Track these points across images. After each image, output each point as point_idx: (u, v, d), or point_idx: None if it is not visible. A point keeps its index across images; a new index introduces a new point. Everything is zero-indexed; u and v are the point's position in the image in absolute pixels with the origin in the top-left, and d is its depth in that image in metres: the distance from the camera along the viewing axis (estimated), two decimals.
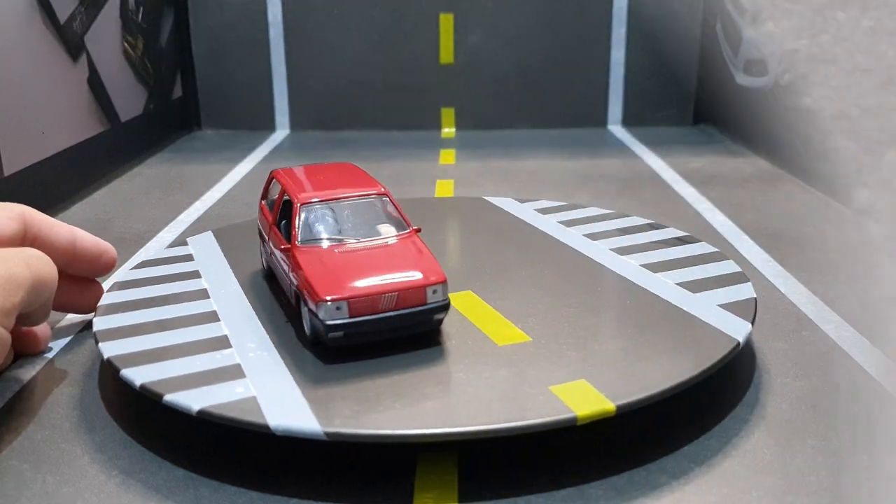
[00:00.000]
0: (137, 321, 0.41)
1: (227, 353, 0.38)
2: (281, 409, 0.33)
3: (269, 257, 0.46)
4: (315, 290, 0.37)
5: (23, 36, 0.68)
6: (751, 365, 0.42)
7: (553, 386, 0.35)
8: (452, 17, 1.06)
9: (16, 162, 0.66)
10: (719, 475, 0.33)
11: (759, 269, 0.55)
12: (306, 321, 0.39)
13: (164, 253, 0.52)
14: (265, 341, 0.39)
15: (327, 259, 0.39)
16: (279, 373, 0.36)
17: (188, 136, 1.06)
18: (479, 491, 0.32)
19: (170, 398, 0.34)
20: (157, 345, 0.39)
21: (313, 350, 0.38)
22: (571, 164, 0.88)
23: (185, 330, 0.40)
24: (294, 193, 0.43)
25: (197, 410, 0.33)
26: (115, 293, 0.45)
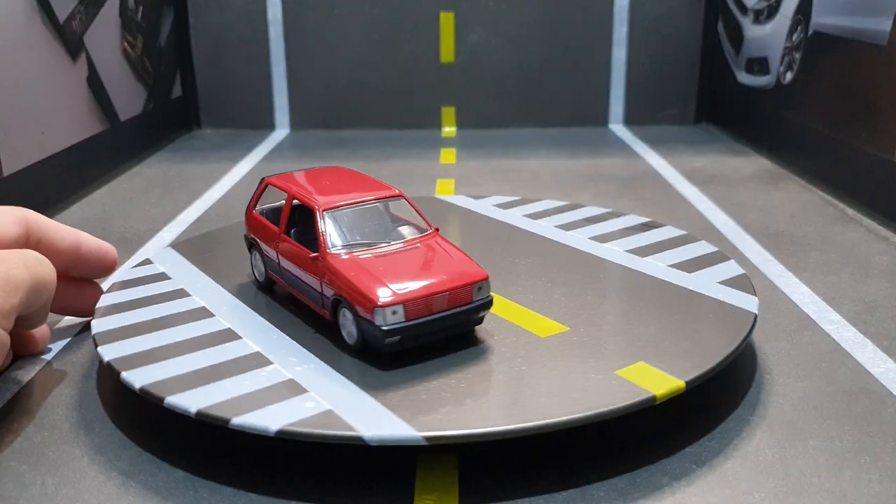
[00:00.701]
0: (152, 345, 0.39)
1: (271, 369, 0.36)
2: (366, 419, 0.32)
3: (272, 268, 0.44)
4: (368, 297, 0.36)
5: (22, 35, 0.68)
6: (752, 365, 0.42)
7: (618, 370, 0.36)
8: (453, 15, 1.06)
9: (15, 162, 0.66)
10: (720, 476, 0.33)
11: (760, 269, 0.55)
12: (350, 329, 0.38)
13: (135, 273, 0.48)
14: (304, 354, 0.38)
15: (367, 264, 0.38)
16: (341, 383, 0.35)
17: (188, 135, 1.06)
18: (479, 492, 0.32)
19: (239, 421, 0.32)
20: (187, 368, 0.36)
21: (361, 358, 0.37)
22: (572, 164, 0.87)
23: (209, 351, 0.38)
24: (311, 200, 0.41)
25: (276, 431, 0.31)
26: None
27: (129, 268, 0.49)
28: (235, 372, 0.36)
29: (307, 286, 0.41)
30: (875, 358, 0.42)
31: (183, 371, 0.36)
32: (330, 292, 0.39)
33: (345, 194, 0.42)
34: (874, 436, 0.35)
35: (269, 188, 0.46)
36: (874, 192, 0.67)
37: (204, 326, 0.41)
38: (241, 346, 0.39)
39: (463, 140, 1.01)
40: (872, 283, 0.52)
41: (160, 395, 0.34)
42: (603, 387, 0.35)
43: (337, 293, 0.38)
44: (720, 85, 1.05)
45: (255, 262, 0.46)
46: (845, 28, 0.74)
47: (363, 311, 0.37)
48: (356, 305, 0.37)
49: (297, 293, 0.42)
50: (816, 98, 0.79)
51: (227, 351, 0.38)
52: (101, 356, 0.38)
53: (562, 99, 1.08)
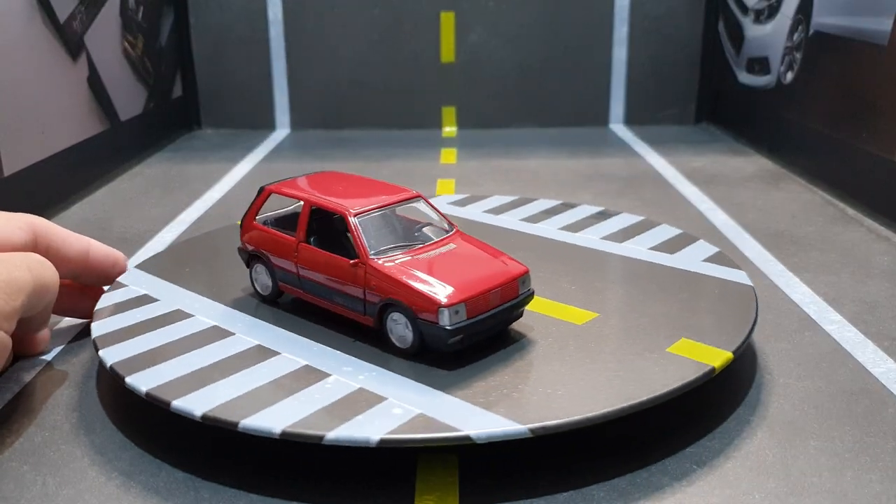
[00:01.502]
0: (181, 372, 0.36)
1: (333, 381, 0.35)
2: (462, 419, 0.32)
3: (287, 279, 0.42)
4: (430, 298, 0.36)
5: (22, 35, 0.68)
6: (752, 365, 0.42)
7: (668, 348, 0.38)
8: (453, 15, 1.06)
9: (16, 162, 0.66)
10: (721, 476, 0.33)
11: (760, 269, 0.55)
12: (402, 333, 0.38)
13: (115, 298, 0.44)
14: (357, 363, 0.37)
15: (416, 266, 0.38)
16: (415, 387, 0.35)
17: (188, 135, 1.06)
18: (479, 493, 0.32)
19: (335, 435, 0.31)
20: (239, 391, 0.35)
21: (415, 361, 0.37)
22: (573, 163, 0.87)
23: (254, 370, 0.37)
24: (338, 206, 0.40)
25: (378, 441, 0.31)
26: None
27: (106, 293, 0.45)
28: (296, 388, 0.35)
29: (343, 294, 0.40)
30: (876, 358, 0.42)
31: (238, 394, 0.34)
32: (376, 298, 0.38)
33: (368, 198, 0.41)
34: (875, 436, 0.35)
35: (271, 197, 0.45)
36: (875, 192, 0.67)
37: (229, 346, 0.39)
38: (285, 361, 0.37)
39: (463, 140, 1.01)
40: (873, 284, 0.52)
41: (232, 419, 0.32)
42: (662, 365, 0.36)
43: (387, 298, 0.38)
44: (721, 85, 1.05)
45: (258, 276, 0.44)
46: (846, 28, 0.74)
47: (424, 313, 0.36)
48: (415, 308, 0.37)
49: (327, 303, 0.41)
50: (817, 98, 0.79)
51: (274, 367, 0.37)
52: (137, 387, 0.35)
53: (562, 99, 1.08)
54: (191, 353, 0.38)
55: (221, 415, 0.33)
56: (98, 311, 0.43)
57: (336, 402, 0.34)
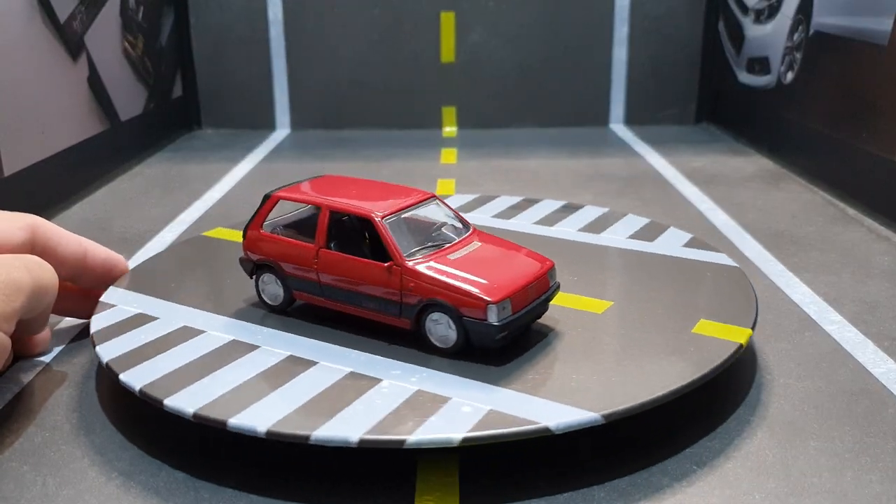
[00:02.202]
0: (221, 391, 0.35)
1: (387, 385, 0.35)
2: (534, 411, 0.32)
3: (304, 287, 0.41)
4: (478, 295, 0.37)
5: (23, 35, 0.68)
6: (753, 366, 0.42)
7: (693, 329, 0.40)
8: (453, 15, 1.06)
9: (16, 162, 0.66)
10: (721, 477, 0.33)
11: (761, 269, 0.55)
12: (444, 333, 0.38)
13: (109, 319, 0.41)
14: (403, 366, 0.37)
15: (454, 265, 0.38)
16: (474, 385, 0.35)
17: (188, 135, 1.06)
18: (480, 493, 0.32)
19: (416, 439, 0.31)
20: (287, 409, 0.33)
21: (459, 358, 0.37)
22: (573, 163, 0.87)
23: (296, 382, 0.35)
24: (363, 210, 0.40)
25: (461, 440, 0.31)
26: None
27: (97, 317, 0.42)
28: (353, 396, 0.34)
29: (375, 298, 0.39)
30: (876, 358, 0.42)
31: (294, 407, 0.33)
32: (414, 300, 0.38)
33: (387, 200, 0.41)
34: (875, 436, 0.35)
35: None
36: (875, 192, 0.67)
37: (259, 360, 0.37)
38: (327, 370, 0.36)
39: (463, 140, 1.01)
40: (873, 284, 0.52)
41: (302, 432, 0.32)
42: (696, 345, 0.38)
43: (428, 299, 0.38)
44: (721, 85, 1.05)
45: (265, 286, 0.43)
46: (846, 28, 0.74)
47: (472, 311, 0.37)
48: (461, 307, 0.37)
49: (355, 308, 0.40)
50: (817, 98, 0.79)
51: (318, 378, 0.36)
52: (171, 406, 0.34)
53: (562, 99, 1.08)
54: (222, 371, 0.36)
55: (288, 429, 0.32)
56: (98, 333, 0.40)
57: (402, 406, 0.33)
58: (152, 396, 0.34)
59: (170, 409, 0.34)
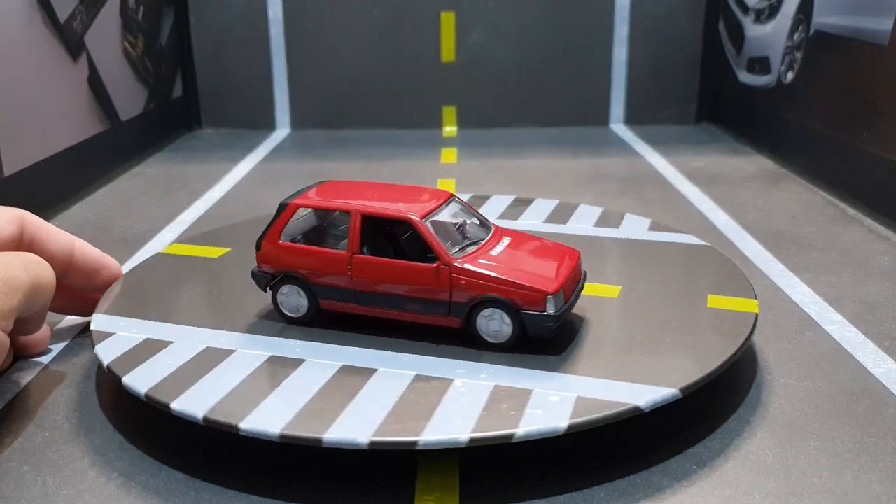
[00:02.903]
0: (290, 414, 0.33)
1: (461, 384, 0.35)
2: (620, 393, 0.34)
3: (334, 296, 0.40)
4: (536, 288, 0.37)
5: (23, 35, 0.68)
6: (753, 366, 0.42)
7: (708, 304, 0.42)
8: (454, 15, 1.05)
9: (16, 162, 0.66)
10: (721, 477, 0.33)
11: (761, 269, 0.55)
12: (498, 328, 0.38)
13: (114, 352, 0.38)
14: (468, 365, 0.37)
15: (502, 260, 0.39)
16: (547, 376, 0.36)
17: (188, 135, 1.06)
18: (480, 493, 0.32)
19: (525, 432, 0.31)
20: (373, 418, 0.33)
21: (514, 352, 0.38)
22: (573, 163, 0.87)
23: (369, 392, 0.35)
24: (399, 212, 0.40)
25: (566, 427, 0.31)
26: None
27: (104, 349, 0.38)
28: (434, 400, 0.34)
29: (420, 300, 0.39)
30: (876, 358, 0.42)
31: (382, 416, 0.33)
32: (465, 298, 0.38)
33: (417, 201, 0.41)
34: (875, 436, 0.35)
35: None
36: (875, 192, 0.67)
37: (315, 374, 0.36)
38: (392, 376, 0.36)
39: (464, 140, 1.01)
40: (874, 284, 0.52)
41: (457, 438, 0.31)
42: (721, 317, 0.41)
43: (483, 295, 0.38)
44: (721, 84, 1.05)
45: (285, 298, 0.41)
46: (846, 28, 0.74)
47: (530, 304, 0.37)
48: (518, 301, 0.37)
49: (396, 313, 0.40)
50: (817, 98, 0.79)
51: (385, 385, 0.35)
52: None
53: (562, 98, 1.08)
54: (282, 389, 0.35)
55: (394, 437, 0.31)
56: (115, 363, 0.37)
57: (490, 402, 0.33)
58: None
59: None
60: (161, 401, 0.34)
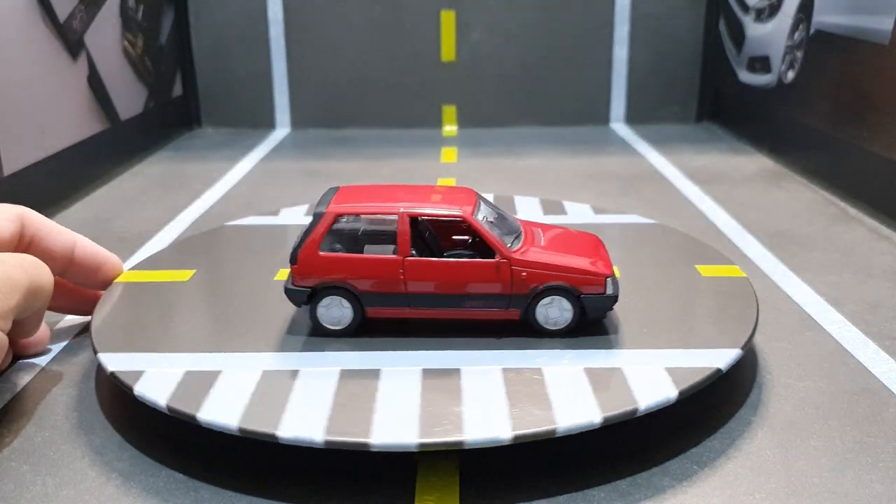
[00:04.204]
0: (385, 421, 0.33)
1: (550, 372, 0.36)
2: (696, 360, 0.36)
3: (384, 302, 0.40)
4: (595, 272, 0.39)
5: (22, 34, 0.68)
6: (753, 365, 0.41)
7: (699, 274, 0.46)
8: (454, 14, 1.05)
9: (15, 161, 0.66)
10: (722, 477, 0.33)
11: (762, 269, 0.55)
12: (558, 315, 0.39)
13: (165, 394, 0.35)
14: (545, 353, 0.38)
15: (551, 250, 0.40)
16: (625, 353, 0.37)
17: (188, 134, 1.06)
18: (480, 494, 0.32)
19: (647, 405, 0.33)
20: (484, 411, 0.33)
21: (567, 336, 0.39)
22: (574, 162, 0.87)
23: (466, 389, 0.35)
24: (451, 213, 0.40)
25: (677, 395, 0.34)
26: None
27: (144, 391, 0.35)
28: (538, 390, 0.34)
29: (478, 296, 0.39)
30: (877, 358, 0.42)
31: (503, 414, 0.33)
32: (527, 289, 0.39)
33: (458, 200, 0.41)
34: (876, 436, 0.35)
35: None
36: (876, 192, 0.67)
37: (399, 382, 0.35)
38: (479, 373, 0.36)
39: (464, 139, 1.01)
40: (874, 283, 0.52)
41: (548, 427, 0.32)
42: (720, 285, 0.44)
43: (546, 284, 0.39)
44: (722, 84, 1.05)
45: (326, 311, 0.40)
46: (847, 27, 0.74)
47: (591, 287, 0.39)
48: (580, 285, 0.39)
49: (452, 311, 0.40)
50: (818, 97, 0.79)
51: (482, 382, 0.35)
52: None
53: (563, 97, 1.08)
54: (388, 398, 0.34)
55: (536, 427, 0.32)
56: (177, 405, 0.34)
57: (594, 385, 0.35)
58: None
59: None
60: (262, 432, 0.32)
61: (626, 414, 0.32)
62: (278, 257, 0.50)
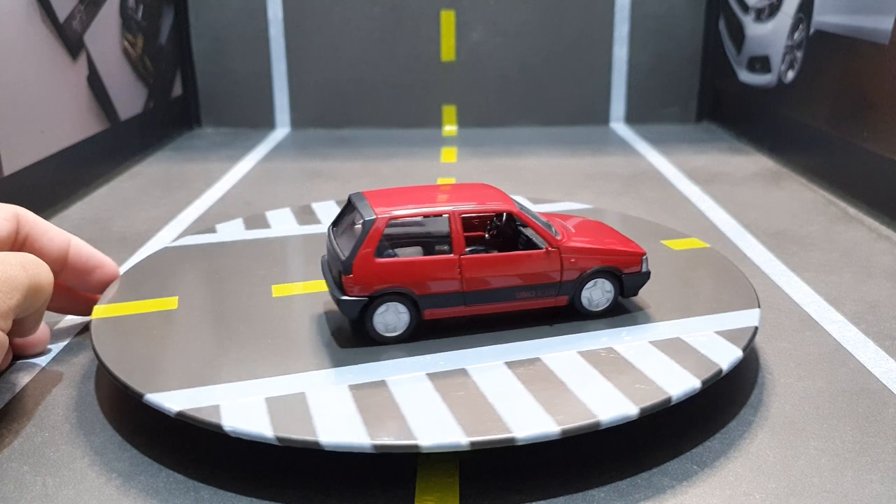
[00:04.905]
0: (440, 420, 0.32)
1: (624, 348, 0.38)
2: (726, 322, 0.40)
3: (443, 302, 0.40)
4: (633, 252, 0.42)
5: (22, 34, 0.68)
6: (754, 365, 0.41)
7: (673, 249, 0.51)
8: (454, 13, 1.05)
9: (15, 161, 0.66)
10: (722, 477, 0.33)
11: (761, 268, 0.55)
12: (600, 296, 0.42)
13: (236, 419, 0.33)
14: (597, 335, 0.40)
15: (586, 236, 0.43)
16: (672, 324, 0.40)
17: (188, 134, 1.06)
18: (480, 494, 0.32)
19: (729, 364, 0.36)
20: (599, 396, 0.34)
21: (601, 316, 0.42)
22: (574, 162, 0.87)
23: (553, 384, 0.35)
24: (500, 206, 0.41)
25: (744, 347, 0.37)
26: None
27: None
28: (624, 367, 0.36)
29: (531, 287, 0.40)
30: (877, 358, 0.42)
31: (621, 395, 0.34)
32: (575, 274, 0.41)
33: (495, 196, 0.42)
34: (875, 436, 0.35)
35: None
36: (876, 192, 0.67)
37: (487, 379, 0.36)
38: (559, 360, 0.37)
39: (464, 139, 1.01)
40: (874, 283, 0.52)
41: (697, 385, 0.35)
42: (694, 252, 0.50)
43: (593, 268, 0.41)
44: (722, 83, 1.05)
45: (382, 318, 0.39)
46: (847, 27, 0.74)
47: (631, 267, 0.42)
48: (623, 266, 0.41)
49: (505, 304, 0.40)
50: (818, 97, 0.79)
51: (557, 371, 0.36)
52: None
53: (563, 97, 1.08)
54: (495, 396, 0.34)
55: (654, 399, 0.34)
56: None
57: (672, 358, 0.37)
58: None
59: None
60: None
61: (712, 377, 0.35)
62: (255, 273, 0.48)
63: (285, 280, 0.47)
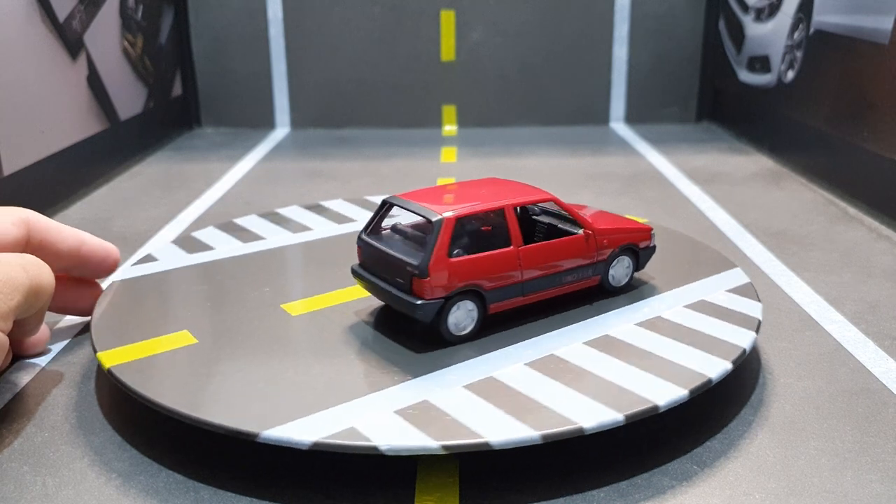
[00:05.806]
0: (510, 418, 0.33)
1: (672, 320, 0.41)
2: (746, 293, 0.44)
3: (508, 294, 0.40)
4: (645, 228, 0.45)
5: (22, 34, 0.68)
6: (754, 365, 0.41)
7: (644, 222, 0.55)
8: (454, 13, 1.05)
9: (15, 161, 0.66)
10: (722, 477, 0.33)
11: (762, 268, 0.55)
12: (622, 272, 0.45)
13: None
14: (630, 311, 0.43)
15: (604, 217, 0.46)
16: (688, 290, 0.45)
17: (188, 134, 1.06)
18: (480, 494, 0.32)
19: (748, 346, 0.39)
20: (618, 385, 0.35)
21: (621, 291, 0.45)
22: (574, 162, 0.87)
23: (616, 369, 0.37)
24: (544, 196, 0.43)
25: (757, 326, 0.40)
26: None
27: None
28: (680, 334, 0.40)
29: (574, 270, 0.43)
30: (877, 357, 0.42)
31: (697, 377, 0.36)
32: (606, 254, 0.44)
33: (527, 188, 0.44)
34: (875, 436, 0.35)
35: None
36: (876, 192, 0.67)
37: (544, 370, 0.36)
38: (622, 347, 0.39)
39: (464, 138, 1.01)
40: (874, 283, 0.52)
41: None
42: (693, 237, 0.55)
43: (620, 246, 0.44)
44: (722, 83, 1.05)
45: (453, 316, 0.39)
46: (846, 27, 0.74)
47: (645, 242, 0.45)
48: (639, 241, 0.45)
49: (554, 290, 0.42)
50: (818, 97, 0.79)
51: (606, 358, 0.38)
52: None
53: (563, 97, 1.08)
54: (562, 390, 0.35)
55: (695, 381, 0.35)
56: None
57: (706, 330, 0.40)
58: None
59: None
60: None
61: (739, 351, 0.38)
62: (243, 294, 0.46)
63: (290, 298, 0.45)
